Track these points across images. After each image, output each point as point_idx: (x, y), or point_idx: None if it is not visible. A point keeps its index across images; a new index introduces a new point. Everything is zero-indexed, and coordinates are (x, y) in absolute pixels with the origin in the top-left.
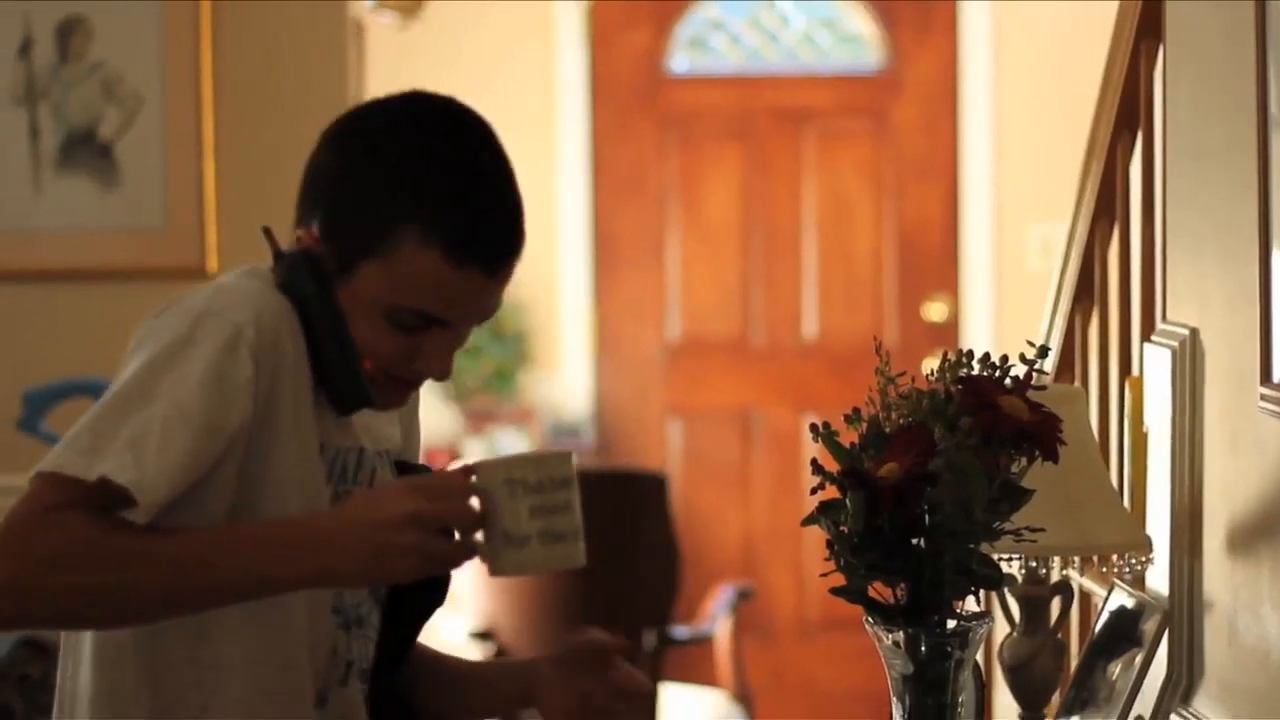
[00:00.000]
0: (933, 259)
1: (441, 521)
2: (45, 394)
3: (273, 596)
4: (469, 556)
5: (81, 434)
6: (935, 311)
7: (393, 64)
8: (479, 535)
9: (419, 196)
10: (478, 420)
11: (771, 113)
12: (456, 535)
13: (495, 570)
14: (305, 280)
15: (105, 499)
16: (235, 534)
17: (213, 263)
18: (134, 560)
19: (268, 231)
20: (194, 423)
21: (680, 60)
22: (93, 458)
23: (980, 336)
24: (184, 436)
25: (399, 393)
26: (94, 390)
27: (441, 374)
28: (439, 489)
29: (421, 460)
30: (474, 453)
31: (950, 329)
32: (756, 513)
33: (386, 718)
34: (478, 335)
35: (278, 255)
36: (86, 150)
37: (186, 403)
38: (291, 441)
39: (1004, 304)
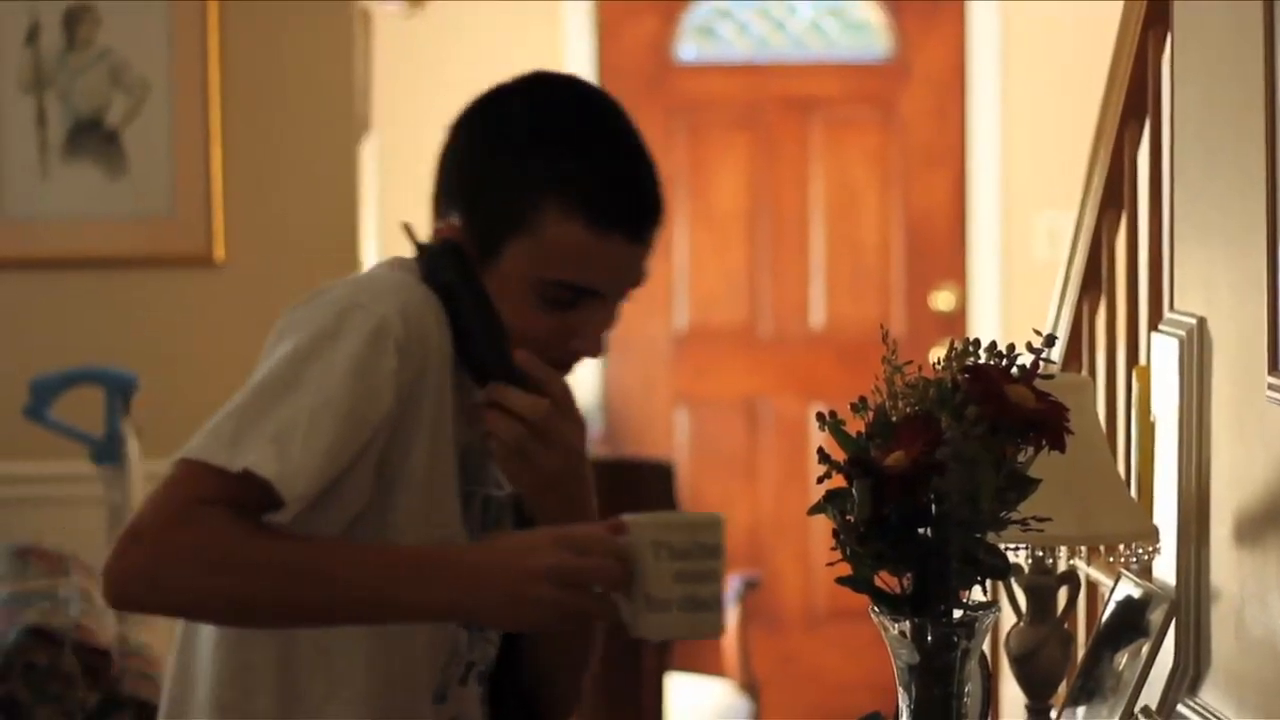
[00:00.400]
0: (940, 248)
1: (584, 577)
2: (52, 382)
3: (405, 622)
4: (607, 615)
5: (224, 423)
6: (942, 300)
7: (399, 53)
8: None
9: (556, 167)
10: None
11: (779, 101)
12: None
13: (634, 631)
14: (449, 270)
15: (249, 491)
16: (377, 556)
17: (219, 250)
18: (272, 571)
19: (407, 227)
20: (339, 414)
21: (688, 48)
22: (236, 448)
23: (988, 325)
24: (329, 428)
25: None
26: (101, 379)
27: (596, 350)
28: (586, 543)
29: None
30: None
31: (958, 318)
32: (763, 502)
33: (506, 716)
34: None
35: (420, 248)
36: (93, 137)
37: (332, 394)
38: (429, 437)
39: (1011, 293)
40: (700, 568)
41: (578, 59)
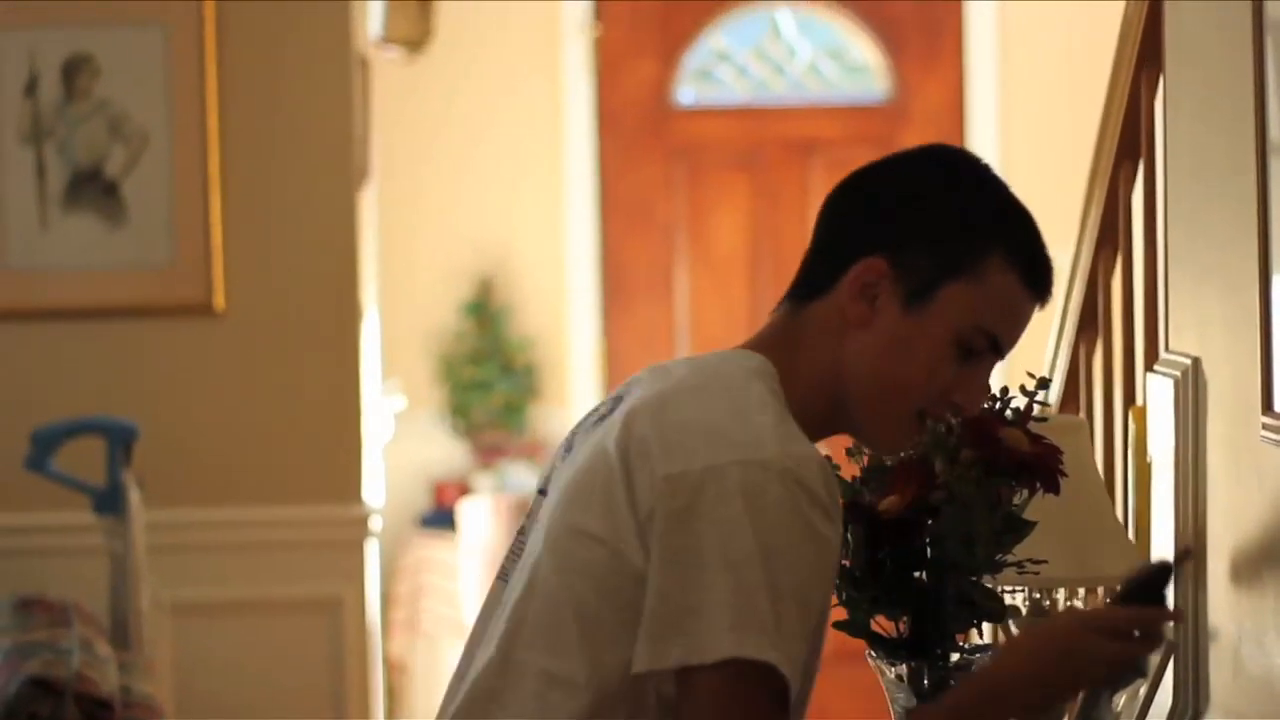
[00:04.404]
0: None
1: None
2: (53, 433)
3: None
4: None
5: (769, 618)
6: None
7: (399, 99)
8: None
9: (1002, 220)
10: (487, 454)
11: (778, 143)
12: None
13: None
14: None
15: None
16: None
17: (219, 300)
18: None
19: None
20: (814, 593)
21: (686, 92)
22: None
23: None
24: (804, 614)
25: (913, 437)
26: (102, 429)
27: (975, 407)
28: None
29: (435, 495)
30: (483, 486)
31: None
32: None
33: None
34: (487, 370)
35: None
36: (93, 188)
37: (804, 580)
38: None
39: None
40: None
41: (577, 104)
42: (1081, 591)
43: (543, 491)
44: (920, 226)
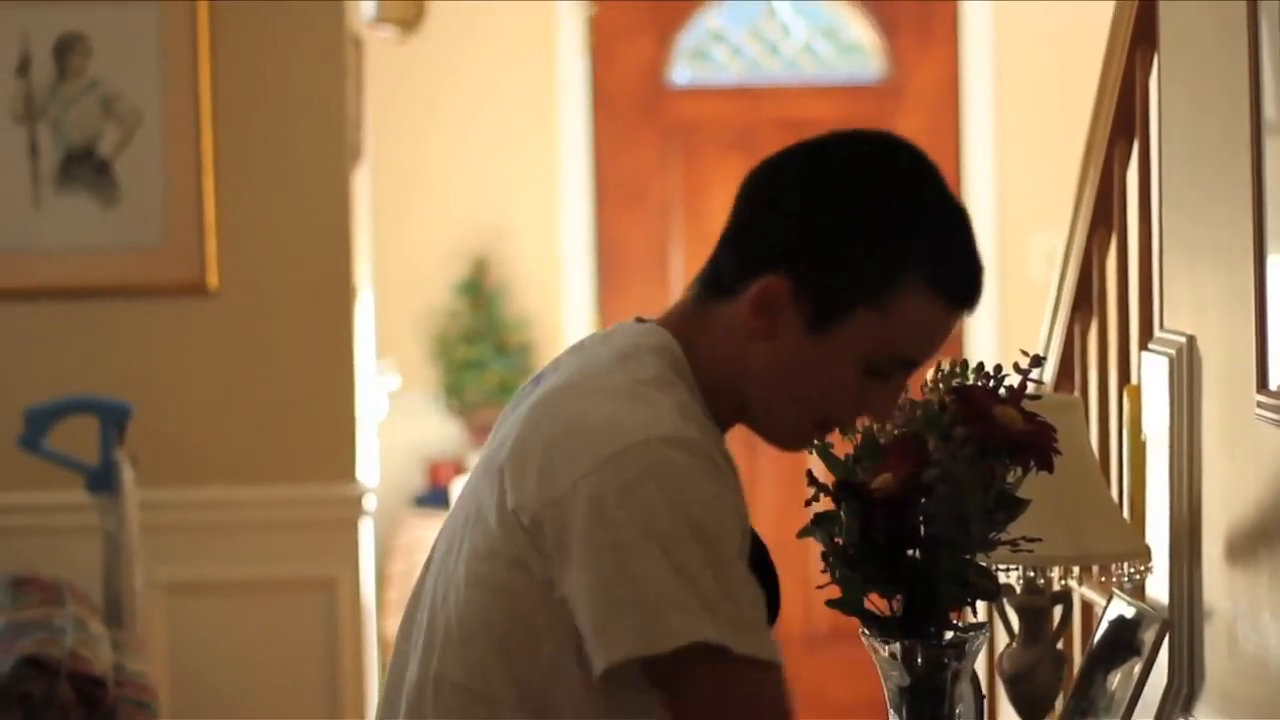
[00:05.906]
0: None
1: None
2: (46, 411)
3: None
4: None
5: (722, 604)
6: None
7: (392, 78)
8: None
9: (922, 235)
10: (481, 434)
11: (773, 123)
12: None
13: None
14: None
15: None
16: None
17: (213, 279)
18: None
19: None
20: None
21: (681, 71)
22: (748, 635)
23: (984, 347)
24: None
25: (810, 441)
26: (95, 408)
27: (888, 416)
28: None
29: (429, 475)
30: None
31: (954, 340)
32: (762, 524)
33: None
34: (481, 349)
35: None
36: (86, 167)
37: (733, 544)
38: None
39: (1008, 314)
40: None
41: (572, 83)
42: (1076, 570)
43: None
44: (827, 245)
